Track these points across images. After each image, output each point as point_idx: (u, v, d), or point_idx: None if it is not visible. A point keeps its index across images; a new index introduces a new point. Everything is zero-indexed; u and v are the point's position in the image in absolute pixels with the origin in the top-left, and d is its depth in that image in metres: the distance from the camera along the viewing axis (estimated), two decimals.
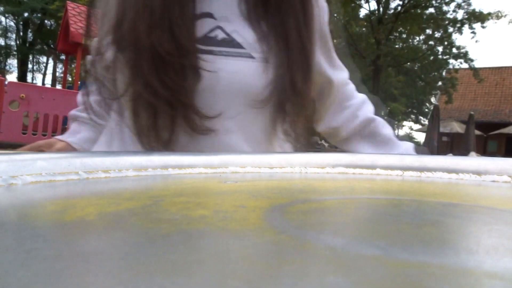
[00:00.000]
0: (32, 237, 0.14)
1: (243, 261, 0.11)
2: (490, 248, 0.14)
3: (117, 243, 0.13)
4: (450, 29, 13.60)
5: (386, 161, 0.39)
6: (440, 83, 14.53)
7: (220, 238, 0.14)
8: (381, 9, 14.16)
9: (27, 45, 18.91)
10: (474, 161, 0.36)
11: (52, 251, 0.12)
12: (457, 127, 14.12)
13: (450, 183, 0.34)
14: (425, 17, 13.82)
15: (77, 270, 0.11)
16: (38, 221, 0.17)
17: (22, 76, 18.30)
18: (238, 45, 0.50)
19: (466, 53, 13.61)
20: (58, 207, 0.20)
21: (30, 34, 19.13)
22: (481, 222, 0.19)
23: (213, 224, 0.16)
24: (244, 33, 0.51)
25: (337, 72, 0.65)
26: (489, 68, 18.90)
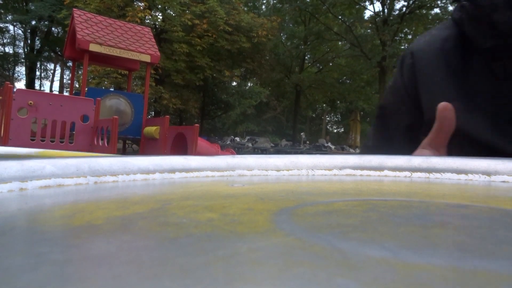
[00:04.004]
0: (42, 241, 0.14)
1: (251, 264, 0.11)
2: (501, 249, 0.14)
3: (125, 247, 0.13)
4: None
5: (394, 162, 0.38)
6: None
7: (227, 241, 0.14)
8: (386, 10, 14.12)
9: (35, 52, 19.15)
10: (483, 161, 0.36)
11: (61, 255, 0.12)
12: None
13: (459, 184, 0.33)
14: (430, 17, 13.75)
15: (86, 274, 0.11)
16: (47, 225, 0.17)
17: (30, 83, 18.53)
18: None
19: None
20: (67, 211, 0.20)
21: (37, 42, 19.38)
22: (492, 223, 0.19)
23: (221, 227, 0.16)
24: None
25: None
26: None
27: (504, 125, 0.56)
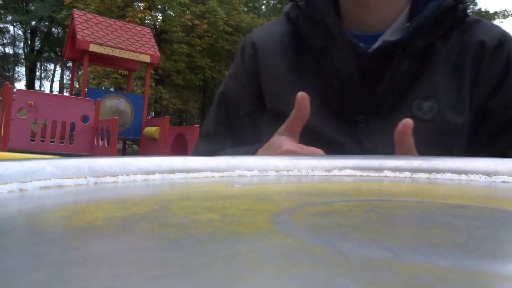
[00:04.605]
0: (42, 242, 0.14)
1: (251, 264, 0.11)
2: (502, 249, 0.14)
3: (125, 248, 0.13)
4: None
5: (394, 163, 0.38)
6: None
7: (228, 241, 0.14)
8: None
9: (35, 53, 19.16)
10: (483, 162, 0.36)
11: (61, 256, 0.12)
12: None
13: (459, 185, 0.33)
14: None
15: (86, 275, 0.11)
16: (47, 226, 0.17)
17: (30, 84, 18.52)
18: None
19: None
20: (67, 212, 0.20)
21: (37, 42, 19.39)
22: (492, 223, 0.19)
23: (221, 227, 0.16)
24: None
25: None
26: None
27: (331, 117, 0.62)
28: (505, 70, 0.62)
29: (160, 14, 13.30)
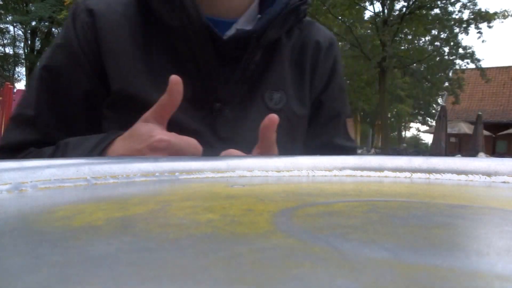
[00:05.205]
0: (41, 243, 0.14)
1: (251, 265, 0.11)
2: (501, 250, 0.14)
3: (125, 248, 0.13)
4: (456, 30, 13.52)
5: (394, 163, 0.38)
6: (446, 83, 14.42)
7: (228, 242, 0.14)
8: (386, 10, 14.13)
9: (35, 53, 19.16)
10: (483, 162, 0.36)
11: (61, 256, 0.12)
12: (465, 128, 14.01)
13: (459, 185, 0.33)
14: (430, 18, 13.75)
15: (86, 275, 0.11)
16: (47, 226, 0.17)
17: None
18: None
19: (472, 53, 13.51)
20: (67, 212, 0.20)
21: (38, 43, 19.40)
22: (492, 223, 0.19)
23: (221, 228, 0.16)
24: None
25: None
26: (497, 67, 18.75)
27: (186, 103, 0.56)
28: (333, 68, 0.70)
29: None
